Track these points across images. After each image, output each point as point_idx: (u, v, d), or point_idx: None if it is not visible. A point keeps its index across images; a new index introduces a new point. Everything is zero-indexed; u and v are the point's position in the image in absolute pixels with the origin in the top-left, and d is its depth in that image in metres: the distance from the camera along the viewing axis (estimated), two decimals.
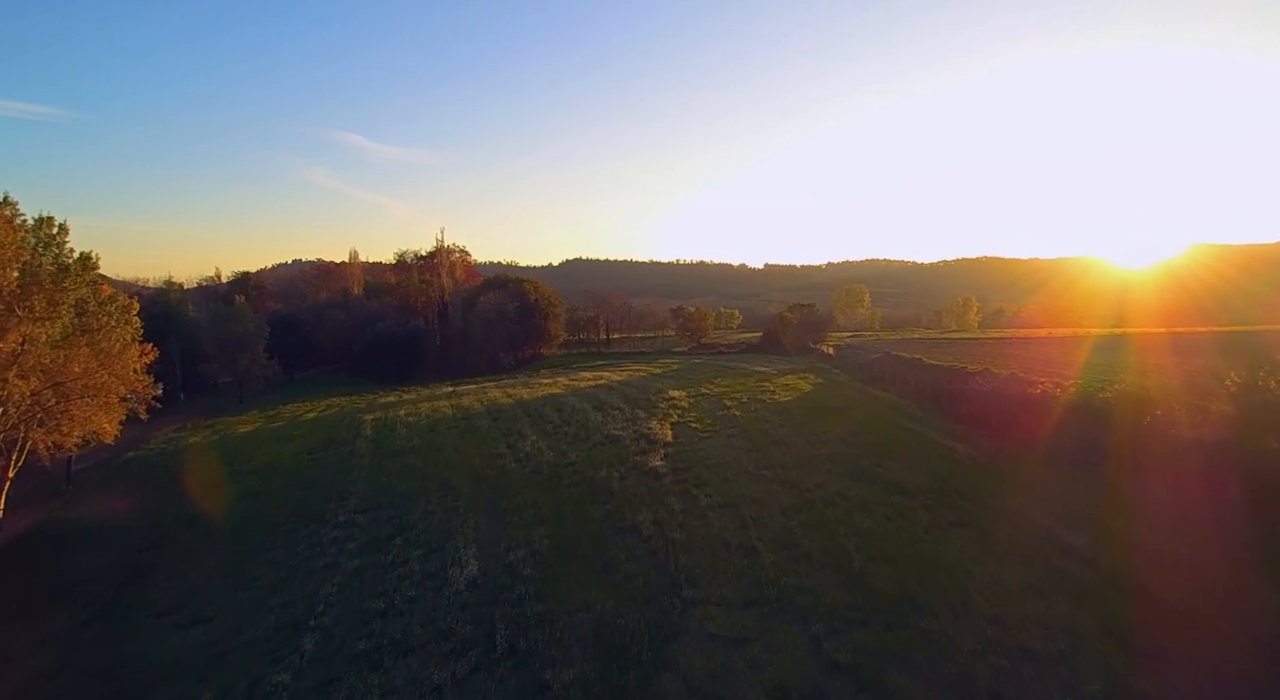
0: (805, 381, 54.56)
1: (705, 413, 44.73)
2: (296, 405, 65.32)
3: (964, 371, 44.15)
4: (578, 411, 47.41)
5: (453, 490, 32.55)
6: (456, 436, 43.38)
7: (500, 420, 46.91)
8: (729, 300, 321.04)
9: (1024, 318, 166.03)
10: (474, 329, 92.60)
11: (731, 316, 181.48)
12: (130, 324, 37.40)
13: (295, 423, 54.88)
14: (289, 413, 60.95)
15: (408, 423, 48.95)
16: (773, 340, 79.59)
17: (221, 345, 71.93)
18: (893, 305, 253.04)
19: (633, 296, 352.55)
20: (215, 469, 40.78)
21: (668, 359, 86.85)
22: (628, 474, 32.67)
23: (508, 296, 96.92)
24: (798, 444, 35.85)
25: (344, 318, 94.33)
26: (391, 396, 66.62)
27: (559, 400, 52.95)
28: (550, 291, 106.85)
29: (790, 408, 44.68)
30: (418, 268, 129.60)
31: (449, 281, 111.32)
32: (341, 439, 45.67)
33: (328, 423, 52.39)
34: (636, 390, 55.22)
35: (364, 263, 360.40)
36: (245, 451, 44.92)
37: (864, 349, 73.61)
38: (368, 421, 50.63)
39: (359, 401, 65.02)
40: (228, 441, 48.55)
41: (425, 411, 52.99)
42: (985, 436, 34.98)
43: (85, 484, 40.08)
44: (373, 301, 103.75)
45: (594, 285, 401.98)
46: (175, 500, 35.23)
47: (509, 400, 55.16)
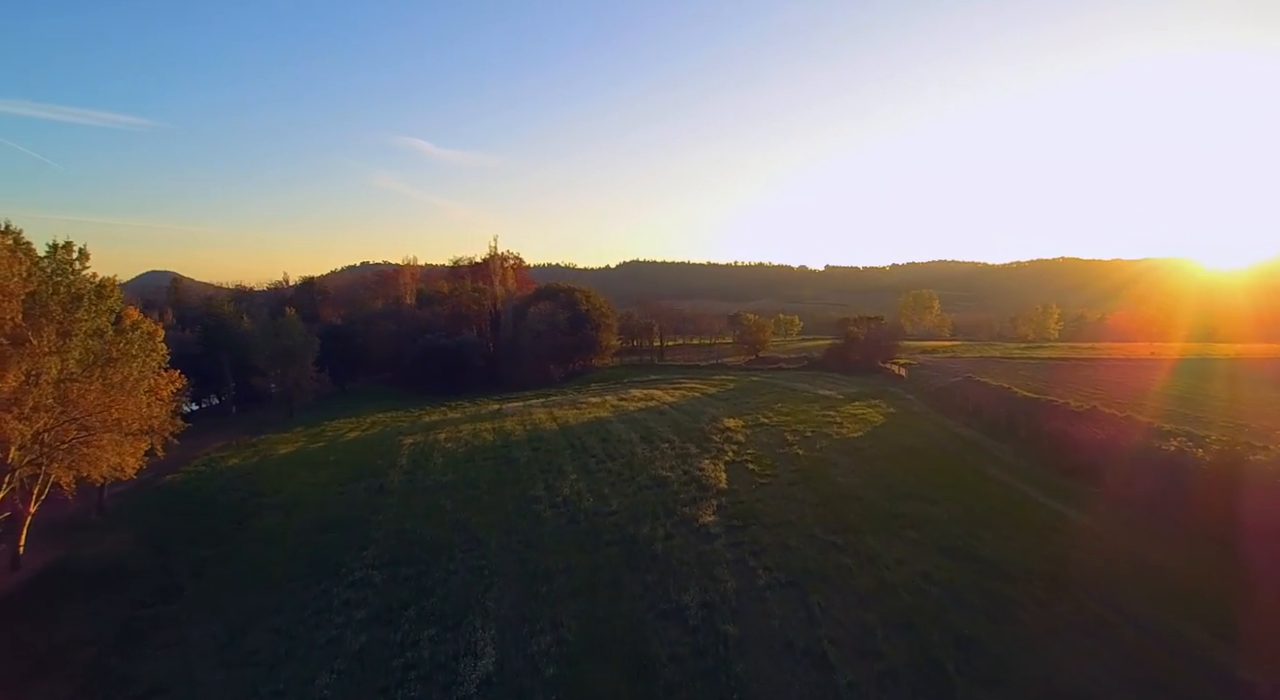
0: (876, 411, 49.31)
1: (763, 449, 40.30)
2: (342, 422, 63.91)
3: (1066, 409, 38.36)
4: (624, 443, 43.67)
5: (480, 543, 29.29)
6: (493, 470, 40.26)
7: (541, 451, 43.61)
8: (788, 304, 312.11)
9: (1109, 327, 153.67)
10: (524, 340, 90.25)
11: (791, 323, 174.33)
12: (155, 351, 35.70)
13: (335, 444, 53.09)
14: (333, 431, 59.45)
15: (445, 449, 46.25)
16: (838, 357, 74.04)
17: (272, 358, 71.39)
18: (962, 310, 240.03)
19: (688, 299, 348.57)
20: (242, 501, 38.81)
21: (724, 374, 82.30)
22: (674, 530, 28.71)
23: (559, 307, 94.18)
24: (871, 498, 31.09)
25: (395, 328, 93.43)
26: (436, 414, 64.48)
27: (605, 427, 49.34)
28: (602, 301, 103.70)
29: (860, 447, 39.75)
30: (471, 275, 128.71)
31: (501, 290, 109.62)
32: (375, 468, 43.24)
33: (366, 446, 50.25)
34: (688, 417, 51.10)
35: (423, 266, 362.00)
36: (277, 479, 43.01)
37: (939, 369, 67.38)
38: (405, 447, 48.22)
39: (403, 419, 63.13)
40: (264, 466, 46.87)
41: (466, 436, 50.26)
42: (1102, 499, 29.46)
43: (115, 514, 38.65)
44: (425, 310, 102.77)
45: (650, 288, 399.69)
46: (194, 540, 33.17)
47: (553, 425, 51.89)
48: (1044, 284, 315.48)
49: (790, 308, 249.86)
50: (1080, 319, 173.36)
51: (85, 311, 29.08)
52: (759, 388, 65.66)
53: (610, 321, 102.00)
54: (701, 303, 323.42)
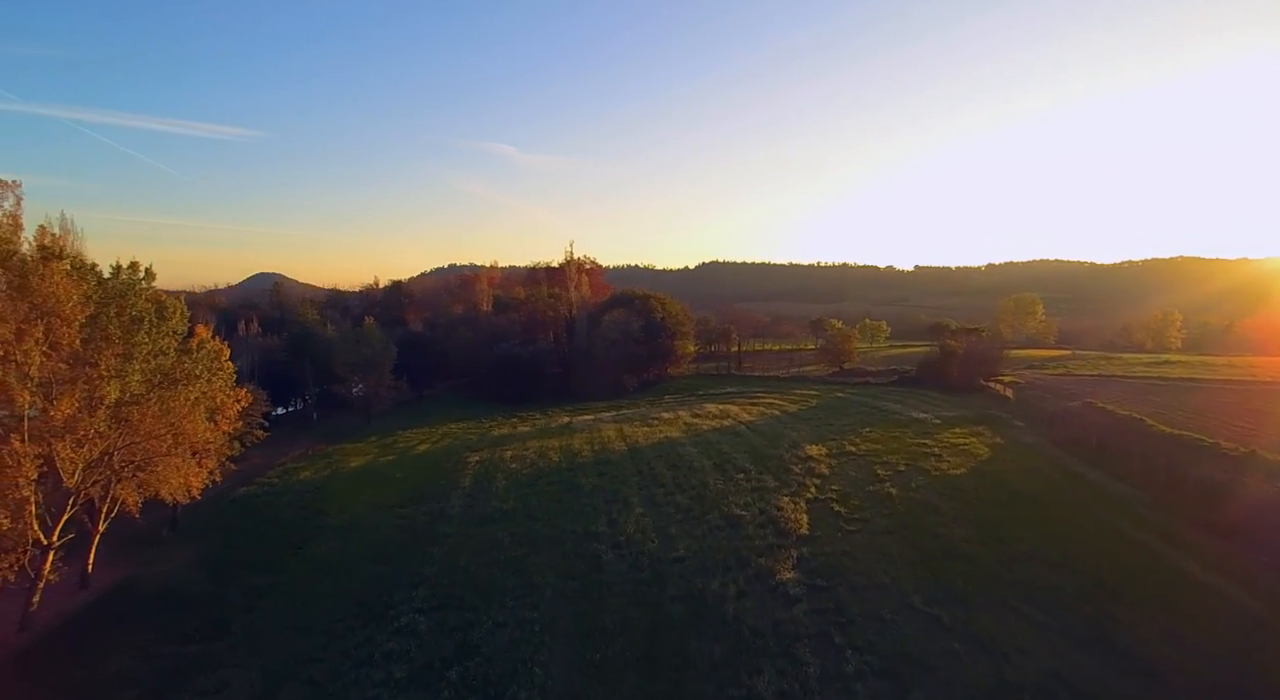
0: (980, 441, 43.99)
1: (850, 486, 36.23)
2: (414, 432, 63.75)
3: (1218, 452, 32.43)
4: (695, 471, 40.53)
5: (534, 590, 26.93)
6: (555, 498, 38.03)
7: (606, 477, 41.08)
8: (874, 306, 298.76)
9: (1241, 337, 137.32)
10: (597, 349, 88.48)
11: (878, 329, 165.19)
12: (221, 370, 35.37)
13: (404, 457, 52.53)
14: (404, 442, 59.20)
15: (509, 470, 44.48)
16: (933, 372, 67.94)
17: (352, 366, 72.42)
18: (1068, 315, 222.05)
19: (769, 300, 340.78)
20: (305, 521, 38.23)
21: (805, 388, 77.58)
22: (748, 586, 25.41)
23: (633, 315, 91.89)
24: (981, 558, 26.72)
25: (472, 335, 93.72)
26: (505, 427, 63.27)
27: (676, 450, 46.32)
28: (678, 309, 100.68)
29: (963, 487, 35.03)
30: (547, 279, 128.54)
31: (575, 296, 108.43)
32: (438, 489, 41.97)
33: (432, 462, 49.24)
34: (766, 441, 47.36)
35: (505, 268, 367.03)
36: (342, 496, 42.45)
37: (1052, 390, 60.50)
38: (470, 465, 46.85)
39: (472, 431, 62.27)
40: (332, 481, 46.57)
41: (532, 454, 48.42)
42: (1274, 575, 24.04)
43: (186, 529, 38.80)
44: (500, 317, 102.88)
45: (729, 289, 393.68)
46: (253, 565, 32.52)
47: (621, 445, 49.30)
48: (1159, 285, 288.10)
49: (877, 311, 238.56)
50: (1205, 326, 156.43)
51: (146, 334, 28.62)
52: (844, 406, 60.93)
53: (686, 330, 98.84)
54: (782, 305, 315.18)
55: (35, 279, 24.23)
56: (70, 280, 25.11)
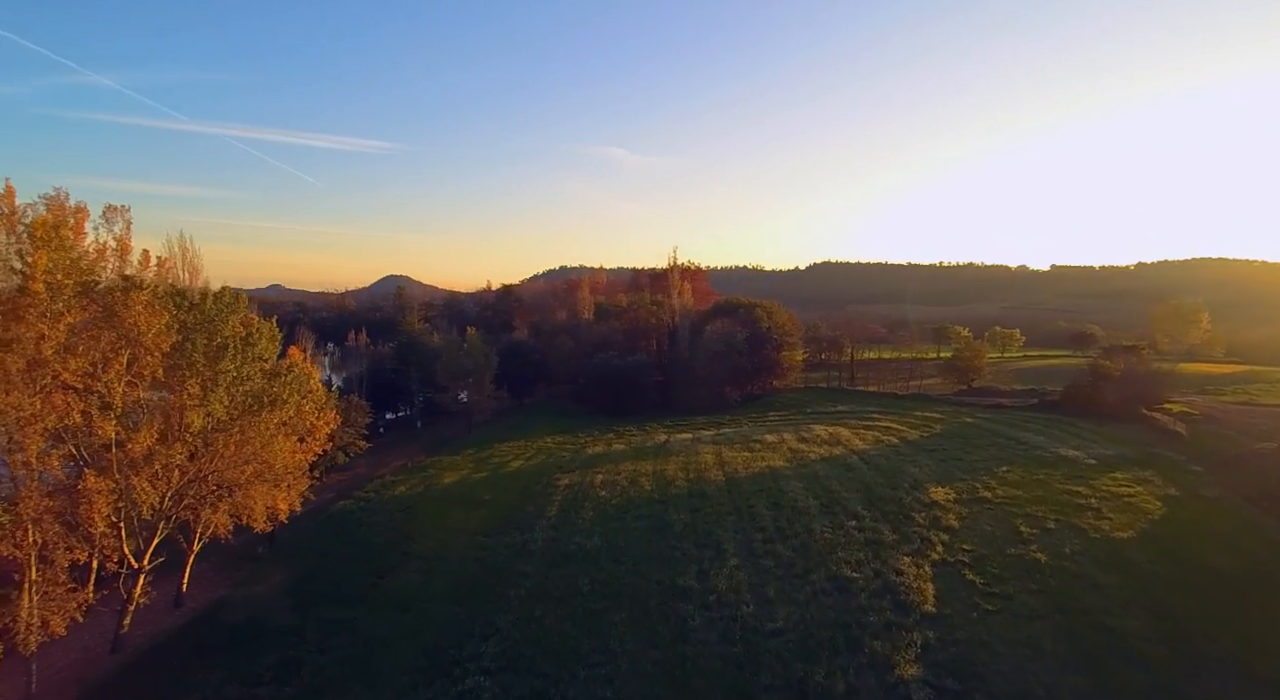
0: (1148, 491, 36.77)
1: (986, 545, 30.88)
2: (510, 446, 62.97)
3: None
4: (799, 513, 36.32)
5: (611, 657, 24.07)
6: (643, 537, 35.09)
7: (700, 513, 37.70)
8: (1004, 310, 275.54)
9: None
10: (699, 359, 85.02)
11: (1010, 337, 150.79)
12: (311, 393, 35.04)
13: (495, 476, 51.48)
14: (498, 457, 58.41)
15: (598, 498, 42.07)
16: (1082, 398, 58.92)
17: (454, 375, 73.11)
18: (1234, 322, 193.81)
19: (885, 303, 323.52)
20: (392, 546, 37.42)
21: (927, 409, 70.45)
22: (859, 680, 21.31)
23: (737, 324, 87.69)
24: (1162, 666, 21.12)
25: (572, 344, 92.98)
26: (600, 443, 61.18)
27: (779, 484, 42.16)
28: (785, 318, 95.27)
29: (1133, 559, 28.77)
30: (650, 285, 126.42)
31: (678, 303, 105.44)
32: (524, 516, 40.21)
33: (522, 484, 47.69)
34: (883, 477, 42.22)
35: (612, 268, 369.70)
36: (432, 518, 41.61)
37: (1235, 424, 50.76)
38: (559, 490, 44.87)
39: (566, 447, 60.65)
40: (425, 499, 46.00)
41: (623, 480, 45.81)
42: None
43: (282, 545, 39.05)
44: (602, 325, 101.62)
45: (843, 291, 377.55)
46: (335, 595, 31.77)
47: (719, 474, 45.69)
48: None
49: (1007, 317, 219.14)
50: None
51: (231, 360, 28.22)
52: (974, 436, 54.11)
53: (793, 341, 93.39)
54: (900, 308, 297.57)
55: (120, 309, 24.06)
56: (152, 310, 24.79)
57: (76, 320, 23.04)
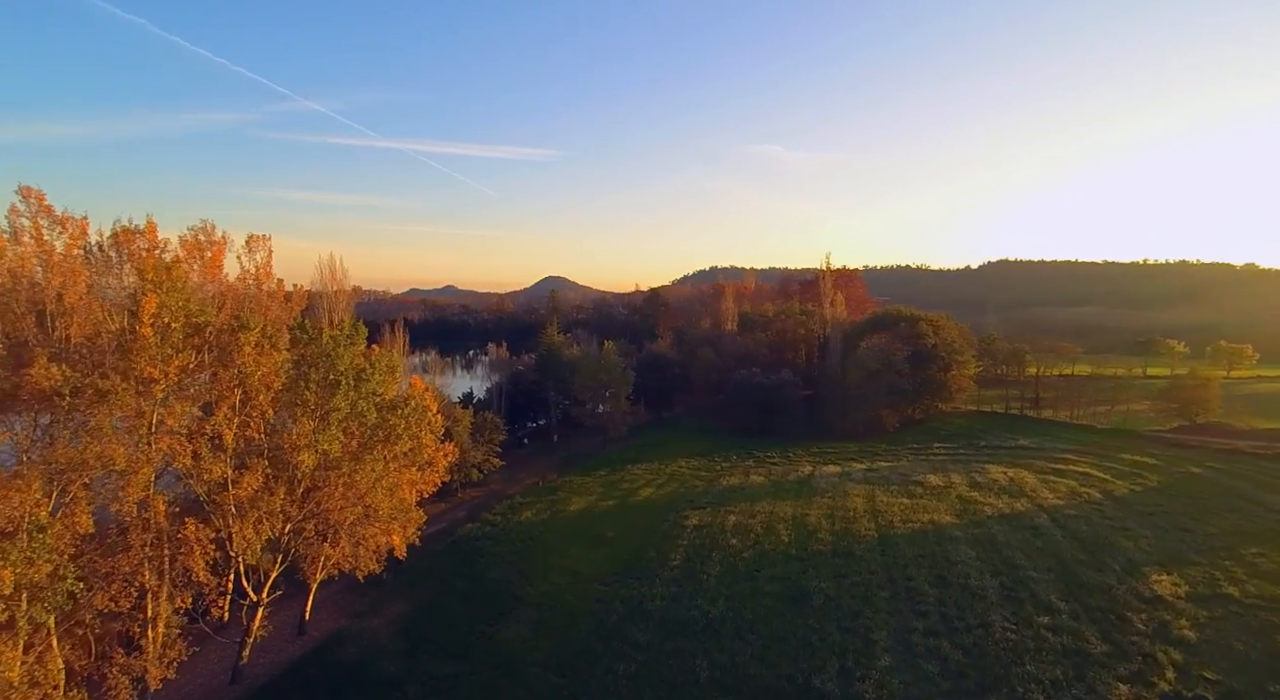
0: None
1: (1239, 674, 23.03)
2: (642, 468, 60.28)
3: None
4: (973, 596, 29.85)
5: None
6: (775, 609, 30.42)
7: (846, 581, 32.32)
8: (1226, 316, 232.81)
9: None
10: (852, 378, 77.43)
11: (1239, 354, 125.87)
12: (429, 424, 33.99)
13: (623, 506, 48.80)
14: (628, 481, 55.83)
15: (727, 549, 37.82)
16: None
17: (590, 389, 71.94)
18: None
19: (1074, 306, 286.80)
20: (508, 585, 35.63)
21: (1135, 449, 58.52)
22: None
23: (896, 340, 78.98)
24: None
25: (714, 357, 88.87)
26: (737, 472, 56.66)
27: (945, 548, 35.56)
28: (955, 334, 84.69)
29: None
30: (800, 294, 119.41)
31: (830, 313, 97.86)
32: (646, 564, 36.91)
33: (648, 521, 44.40)
34: (1083, 550, 34.24)
35: (760, 270, 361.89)
36: (551, 554, 39.55)
37: None
38: (686, 532, 41.12)
39: (701, 474, 56.81)
40: (548, 530, 44.24)
41: (758, 526, 41.18)
42: None
43: (406, 572, 38.55)
44: (746, 337, 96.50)
45: (1022, 293, 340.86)
46: (445, 640, 30.29)
47: (870, 526, 39.70)
48: None
49: (1231, 325, 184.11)
50: None
51: (343, 397, 27.35)
52: (1205, 494, 43.34)
53: (964, 359, 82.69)
54: (1093, 312, 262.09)
55: (230, 350, 23.66)
56: (261, 350, 24.21)
57: (188, 361, 22.76)
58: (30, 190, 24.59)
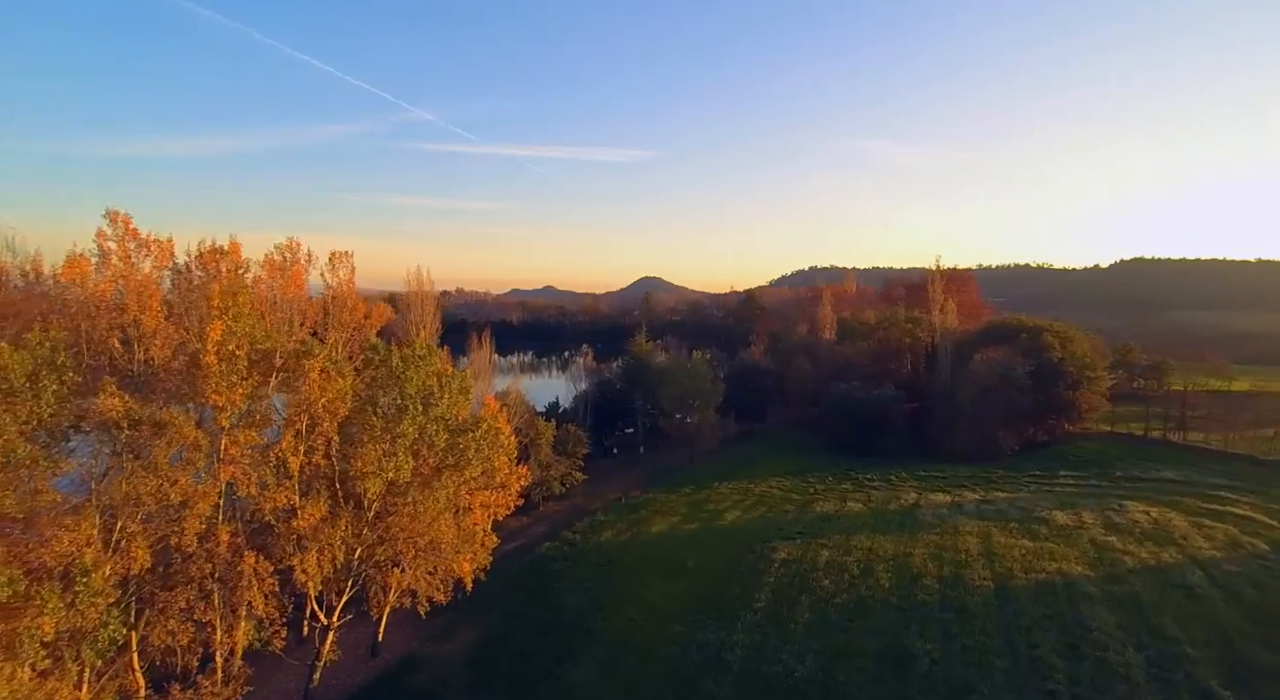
0: None
1: None
2: (729, 487, 57.40)
3: None
4: (1112, 674, 25.33)
5: None
6: (871, 671, 27.07)
7: (955, 644, 28.44)
8: None
9: None
10: (964, 394, 70.96)
11: None
12: (503, 447, 32.90)
13: (706, 530, 46.28)
14: (714, 502, 53.13)
15: (819, 592, 34.54)
16: None
17: (677, 400, 69.74)
18: None
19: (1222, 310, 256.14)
20: (580, 617, 34.03)
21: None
22: None
23: (1015, 354, 71.74)
24: None
25: (810, 367, 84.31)
26: (833, 498, 52.65)
27: (1077, 608, 30.79)
28: (1085, 347, 75.99)
29: None
30: (905, 299, 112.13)
31: (939, 321, 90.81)
32: (726, 603, 34.30)
33: (732, 551, 41.59)
34: (1251, 618, 28.65)
35: (862, 270, 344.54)
36: (629, 584, 37.65)
37: None
38: (774, 567, 38.11)
39: (793, 497, 53.31)
40: (627, 553, 42.43)
41: (854, 565, 37.56)
42: None
43: (481, 593, 37.13)
44: (845, 346, 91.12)
45: (1160, 295, 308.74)
46: (512, 677, 29.02)
47: (985, 574, 35.24)
48: None
49: None
50: None
51: (410, 423, 26.51)
52: None
53: (1095, 374, 74.04)
54: (1246, 317, 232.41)
55: (294, 377, 23.22)
56: (327, 377, 23.64)
57: (253, 388, 22.45)
58: (117, 214, 25.21)
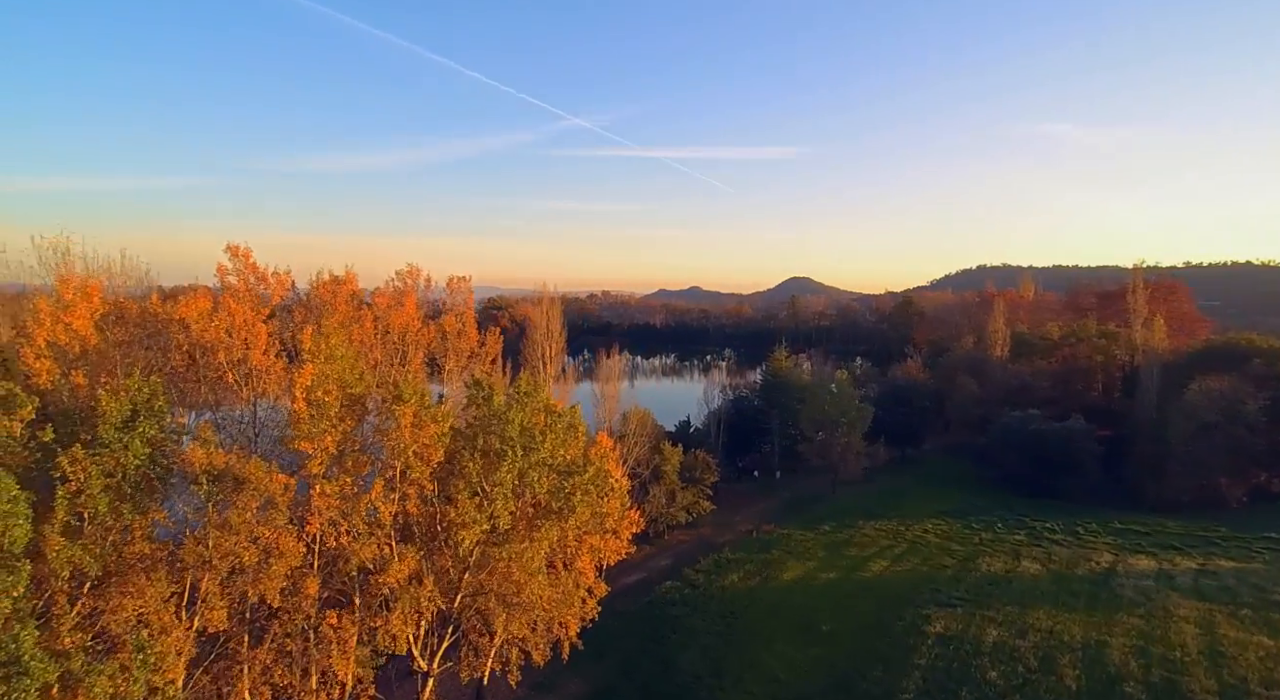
0: None
1: None
2: (875, 529, 51.21)
3: None
4: None
5: None
6: None
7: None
8: None
9: None
10: (1176, 428, 58.60)
11: None
12: (614, 491, 30.27)
13: (847, 581, 41.07)
14: (857, 545, 47.44)
15: (983, 685, 28.52)
16: None
17: (818, 424, 64.08)
18: None
19: None
20: (695, 684, 30.63)
21: None
22: None
23: (1245, 383, 58.32)
24: None
25: (977, 390, 74.39)
26: (1003, 553, 45.01)
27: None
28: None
29: None
30: (1096, 309, 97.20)
31: (1142, 337, 77.08)
32: (866, 687, 29.32)
33: (877, 612, 36.23)
34: None
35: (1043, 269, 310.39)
36: (752, 647, 33.67)
37: None
38: (927, 643, 32.39)
39: (954, 548, 46.32)
40: (754, 604, 38.42)
41: (1029, 651, 30.97)
42: None
43: (592, 640, 34.78)
44: (1022, 365, 79.67)
45: None
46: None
47: (1208, 688, 27.45)
48: None
49: None
50: None
51: (507, 470, 24.46)
52: None
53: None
54: None
55: (388, 424, 21.90)
56: (420, 424, 22.09)
57: (344, 434, 21.35)
58: (237, 248, 25.40)
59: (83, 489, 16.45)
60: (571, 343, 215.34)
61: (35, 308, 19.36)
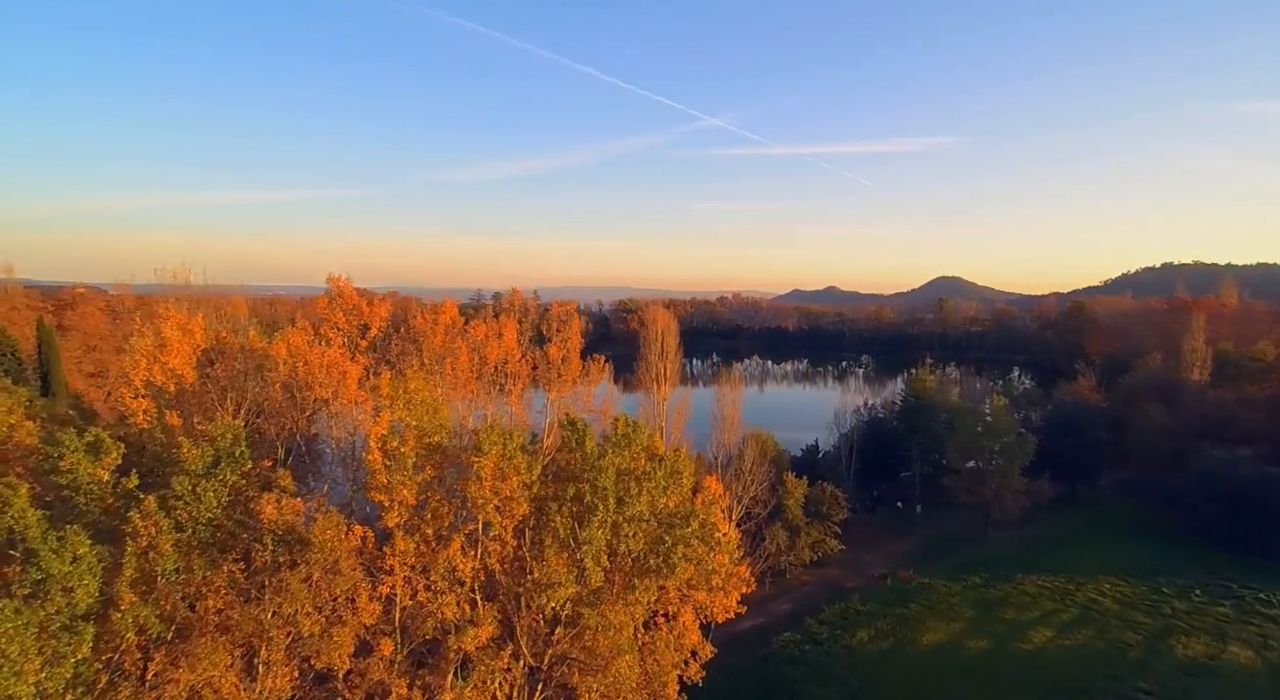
0: None
1: None
2: (1038, 584, 44.14)
3: None
4: None
5: None
6: None
7: None
8: None
9: None
10: None
11: None
12: (721, 546, 27.13)
13: (1000, 658, 35.20)
14: (1014, 607, 40.99)
15: None
16: None
17: (967, 455, 56.95)
18: None
19: None
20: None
21: None
22: None
23: None
24: None
25: (1167, 421, 62.81)
26: (1200, 635, 36.86)
27: None
28: None
29: None
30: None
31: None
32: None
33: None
34: None
35: (1252, 268, 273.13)
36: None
37: None
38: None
39: (1136, 617, 38.88)
40: (888, 671, 33.83)
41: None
42: None
43: (701, 691, 32.20)
44: (1226, 391, 66.59)
45: None
46: None
47: None
48: None
49: None
50: None
51: (598, 526, 22.05)
52: None
53: None
54: None
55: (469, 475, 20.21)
56: (501, 475, 20.19)
57: (424, 483, 19.90)
58: (338, 280, 24.89)
59: (153, 544, 15.93)
60: (699, 346, 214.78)
61: (132, 348, 19.48)
